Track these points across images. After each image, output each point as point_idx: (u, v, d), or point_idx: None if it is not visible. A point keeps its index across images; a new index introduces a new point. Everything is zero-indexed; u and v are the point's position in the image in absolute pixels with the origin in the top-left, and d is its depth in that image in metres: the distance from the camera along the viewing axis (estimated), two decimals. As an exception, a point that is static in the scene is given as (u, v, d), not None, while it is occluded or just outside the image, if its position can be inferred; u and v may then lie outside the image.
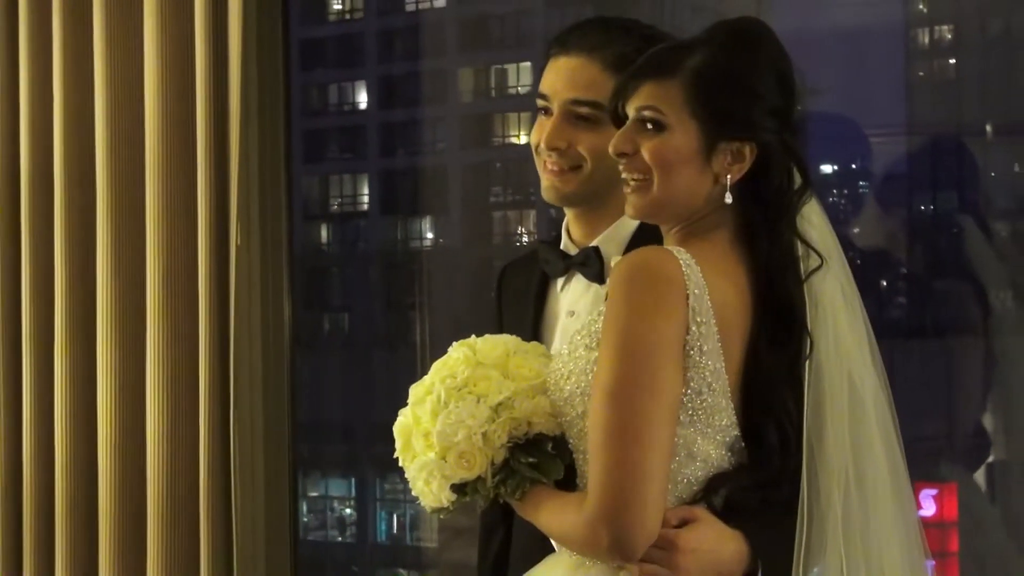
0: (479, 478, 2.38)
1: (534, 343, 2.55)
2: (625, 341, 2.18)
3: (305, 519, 4.03)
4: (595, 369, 2.27)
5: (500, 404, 2.36)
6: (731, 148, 2.27)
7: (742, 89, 2.30)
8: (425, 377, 2.47)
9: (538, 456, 2.37)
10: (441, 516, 2.55)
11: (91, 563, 3.81)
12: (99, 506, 3.77)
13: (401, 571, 4.29)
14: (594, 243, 2.67)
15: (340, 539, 4.24)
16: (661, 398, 2.16)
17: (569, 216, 2.75)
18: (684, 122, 2.27)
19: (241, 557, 3.68)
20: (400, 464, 2.52)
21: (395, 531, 4.22)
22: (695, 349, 2.20)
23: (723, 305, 2.23)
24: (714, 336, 2.20)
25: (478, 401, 2.37)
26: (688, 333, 2.19)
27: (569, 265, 2.68)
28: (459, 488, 2.39)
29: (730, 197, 2.29)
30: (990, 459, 3.77)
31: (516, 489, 2.37)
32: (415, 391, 2.45)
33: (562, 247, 2.73)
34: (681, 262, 2.20)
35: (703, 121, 2.27)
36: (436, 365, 2.47)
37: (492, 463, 2.38)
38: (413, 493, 2.52)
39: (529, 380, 2.39)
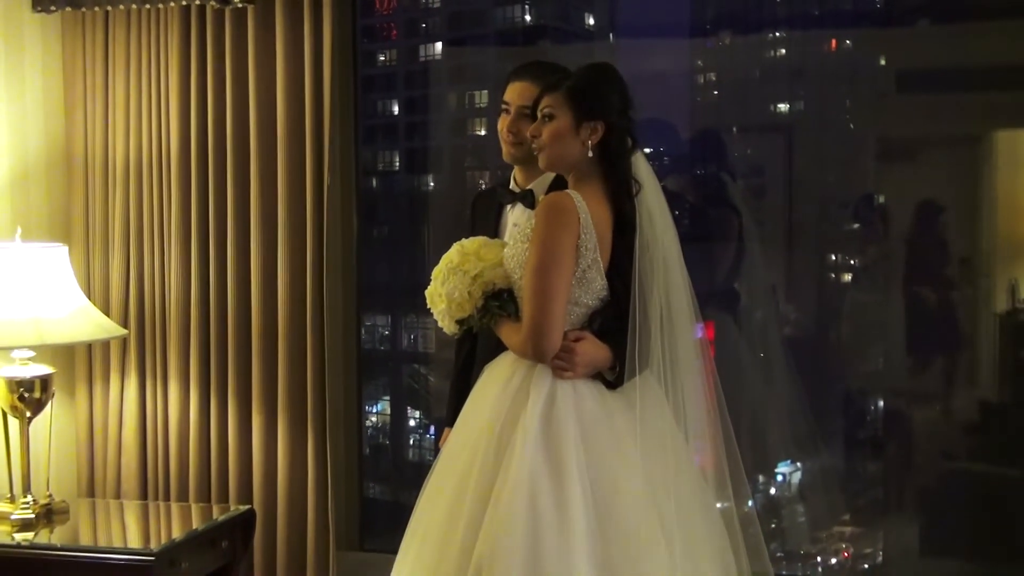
0: (471, 315, 2.84)
1: (497, 239, 2.93)
2: (543, 242, 2.63)
3: (364, 337, 4.57)
4: (527, 256, 2.67)
5: (477, 275, 2.81)
6: (590, 126, 2.71)
7: (595, 95, 2.71)
8: (439, 263, 2.87)
9: (501, 301, 2.81)
10: (456, 336, 2.94)
11: (246, 359, 4.38)
12: (252, 330, 4.35)
13: (415, 365, 4.95)
14: (529, 187, 3.08)
15: (382, 348, 4.87)
16: (562, 273, 2.63)
17: (516, 170, 3.12)
18: (563, 113, 2.74)
19: (330, 359, 4.23)
20: (431, 312, 2.90)
21: (412, 342, 4.88)
22: (583, 247, 2.65)
23: (598, 220, 2.65)
24: (593, 239, 2.65)
25: (464, 274, 2.82)
26: (579, 239, 2.64)
27: (515, 198, 3.11)
28: (460, 322, 2.86)
29: (591, 153, 2.71)
30: (736, 307, 4.33)
31: (491, 320, 2.81)
32: (434, 272, 2.88)
33: (511, 187, 3.12)
34: (574, 199, 2.64)
35: (573, 111, 2.73)
36: (443, 256, 2.86)
37: (476, 307, 2.83)
38: (440, 326, 2.88)
39: (492, 261, 2.82)
